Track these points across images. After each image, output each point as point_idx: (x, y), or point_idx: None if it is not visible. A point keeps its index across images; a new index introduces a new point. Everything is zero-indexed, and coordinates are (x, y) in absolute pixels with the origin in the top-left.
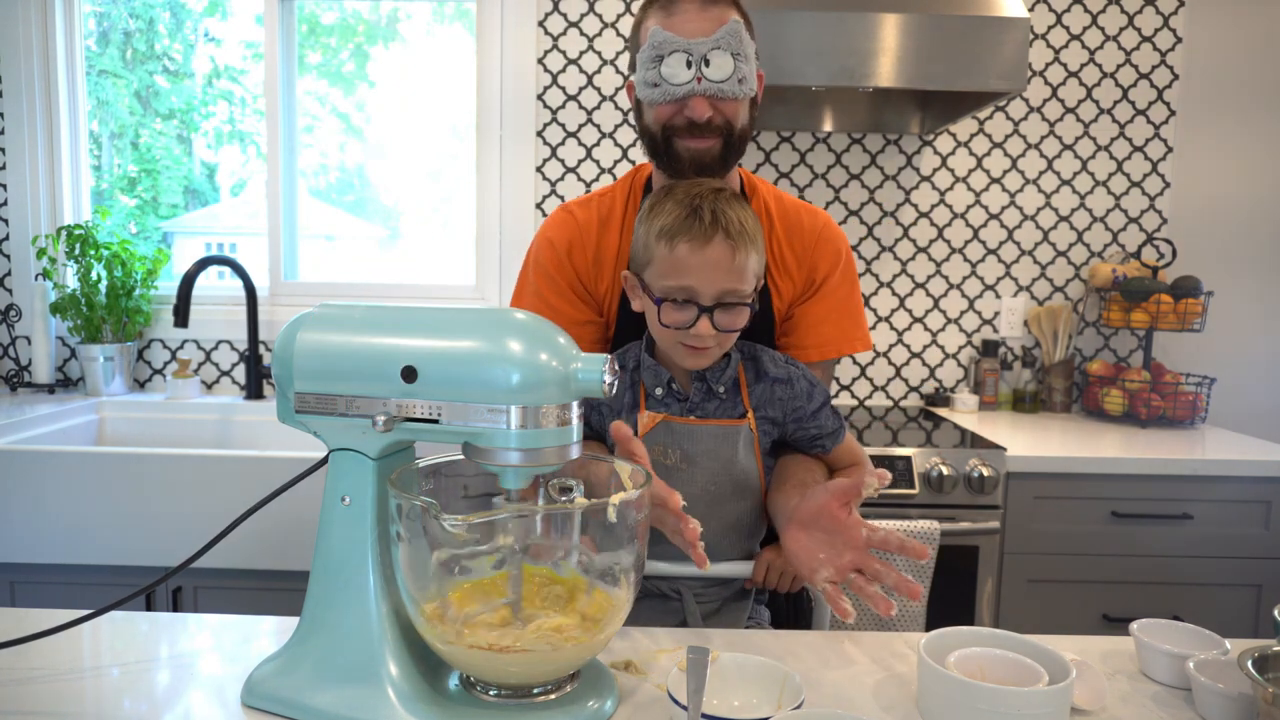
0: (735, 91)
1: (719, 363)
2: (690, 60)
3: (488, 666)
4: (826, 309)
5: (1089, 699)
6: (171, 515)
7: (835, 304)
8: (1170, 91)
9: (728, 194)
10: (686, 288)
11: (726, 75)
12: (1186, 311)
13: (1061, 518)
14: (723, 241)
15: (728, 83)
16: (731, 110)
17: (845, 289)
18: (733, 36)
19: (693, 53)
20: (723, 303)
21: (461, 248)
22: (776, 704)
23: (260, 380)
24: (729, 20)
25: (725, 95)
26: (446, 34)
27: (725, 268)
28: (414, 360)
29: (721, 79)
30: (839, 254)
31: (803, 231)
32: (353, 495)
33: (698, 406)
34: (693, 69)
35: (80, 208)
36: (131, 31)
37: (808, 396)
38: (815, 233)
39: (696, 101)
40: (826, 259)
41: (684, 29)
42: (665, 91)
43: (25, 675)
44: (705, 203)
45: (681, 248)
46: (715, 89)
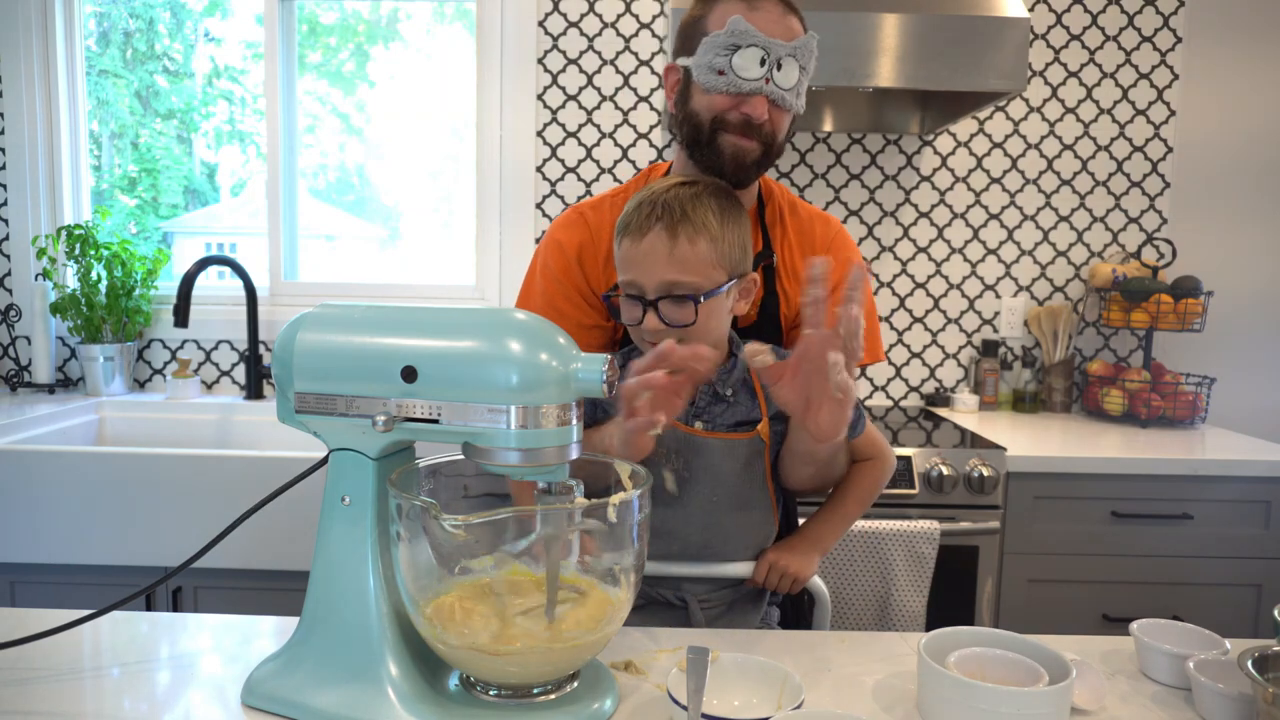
0: (794, 104)
1: (724, 364)
2: (765, 59)
3: (488, 666)
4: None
5: (1089, 699)
6: (171, 515)
7: None
8: (1170, 91)
9: (695, 185)
10: (631, 281)
11: (792, 84)
12: (1186, 311)
13: (1061, 518)
14: (660, 231)
15: (790, 92)
16: (781, 120)
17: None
18: (806, 50)
19: (770, 52)
20: (668, 295)
21: (461, 248)
22: (776, 704)
23: (260, 380)
24: (805, 34)
25: (785, 104)
26: (446, 34)
27: (663, 258)
28: (414, 360)
29: (787, 87)
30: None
31: (814, 239)
32: (353, 495)
33: (705, 411)
34: (765, 68)
35: (80, 208)
36: (131, 31)
37: None
38: (828, 241)
39: (758, 101)
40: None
41: (765, 26)
42: (731, 82)
43: (25, 675)
44: (655, 195)
45: (625, 241)
46: (779, 95)
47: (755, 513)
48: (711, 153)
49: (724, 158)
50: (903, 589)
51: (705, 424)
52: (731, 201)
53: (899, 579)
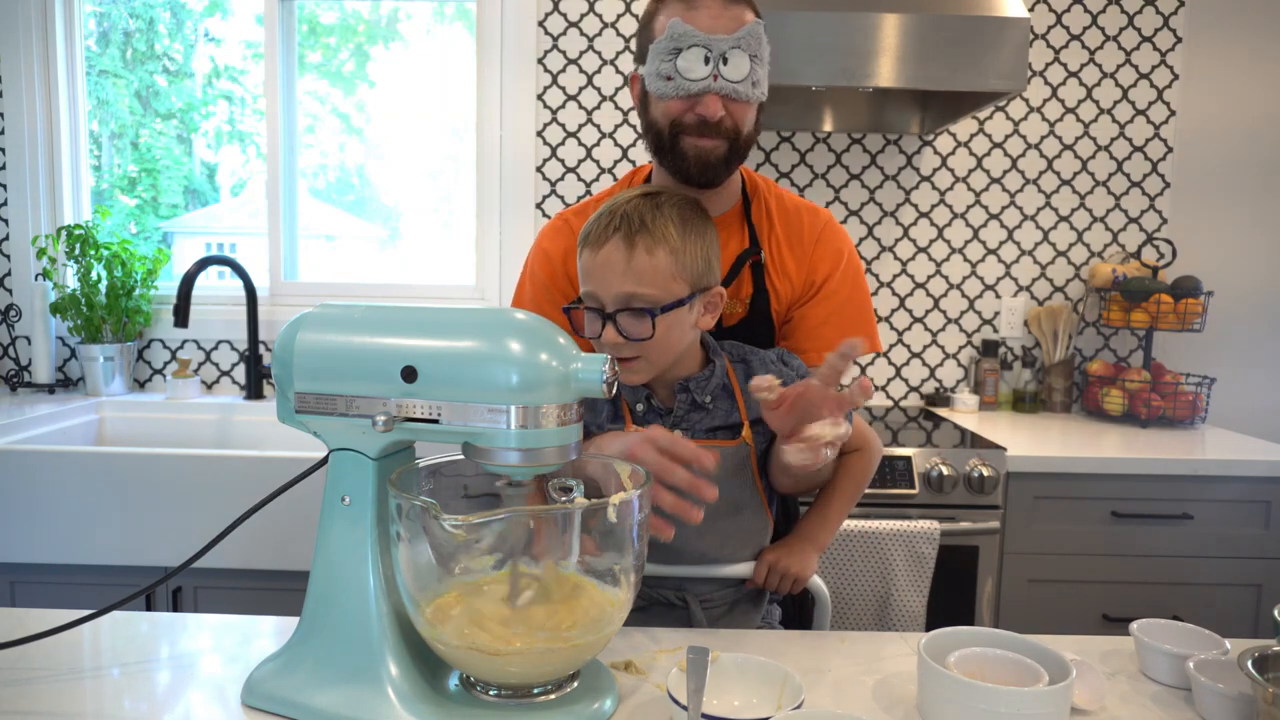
0: (749, 94)
1: (702, 371)
2: (709, 56)
3: (488, 666)
4: (827, 311)
5: (1089, 699)
6: (171, 515)
7: (837, 306)
8: (1170, 92)
9: (657, 196)
10: (590, 293)
11: (742, 76)
12: (1186, 311)
13: (1061, 518)
14: (618, 242)
15: (743, 84)
16: (741, 113)
17: (848, 290)
18: (753, 38)
19: (712, 49)
20: (626, 308)
21: (461, 248)
22: (776, 704)
23: (260, 380)
24: (750, 21)
25: (739, 96)
26: (446, 34)
27: (620, 269)
28: (414, 360)
29: (738, 79)
30: (840, 254)
31: (802, 233)
32: (353, 495)
33: (683, 420)
34: (710, 65)
35: (80, 208)
36: (131, 31)
37: None
38: (815, 233)
39: (710, 99)
40: (826, 260)
41: (705, 24)
42: (679, 86)
43: (25, 675)
44: (616, 206)
45: (585, 252)
46: (730, 89)
47: (748, 515)
48: (675, 157)
49: (688, 161)
50: (903, 589)
51: (685, 433)
52: (696, 213)
53: (899, 579)
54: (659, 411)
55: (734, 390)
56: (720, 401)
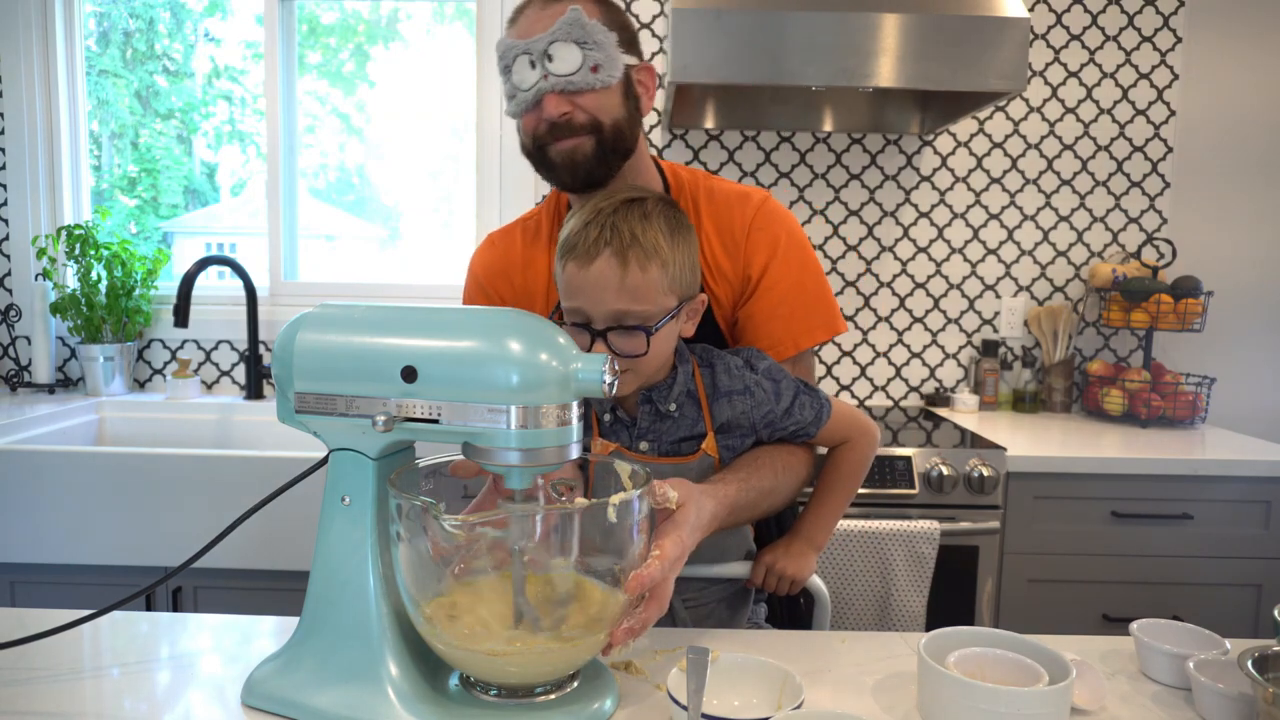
0: (589, 81)
1: (664, 380)
2: (533, 60)
3: (488, 666)
4: (771, 304)
5: (1089, 699)
6: (171, 515)
7: (782, 295)
8: (1170, 92)
9: (643, 203)
10: (577, 309)
11: (575, 67)
12: (1186, 311)
13: (1061, 518)
14: (609, 258)
15: (578, 74)
16: (593, 103)
17: (791, 276)
18: (573, 25)
19: (533, 51)
20: (618, 325)
21: (461, 248)
22: (776, 704)
23: (260, 380)
24: (567, 10)
25: (578, 87)
26: (446, 34)
27: (613, 287)
28: (414, 360)
29: (569, 71)
30: (775, 241)
31: (733, 226)
32: (353, 495)
33: (648, 431)
34: (537, 68)
35: (80, 208)
36: (131, 31)
37: (775, 397)
38: (746, 224)
39: (548, 99)
40: (762, 250)
41: (524, 31)
42: (520, 100)
43: (25, 675)
44: (602, 216)
45: (570, 265)
46: (564, 83)
47: None
48: (549, 170)
49: (559, 168)
50: (903, 589)
51: (651, 444)
52: (679, 218)
53: (899, 579)
54: (625, 423)
55: (699, 396)
56: (687, 409)
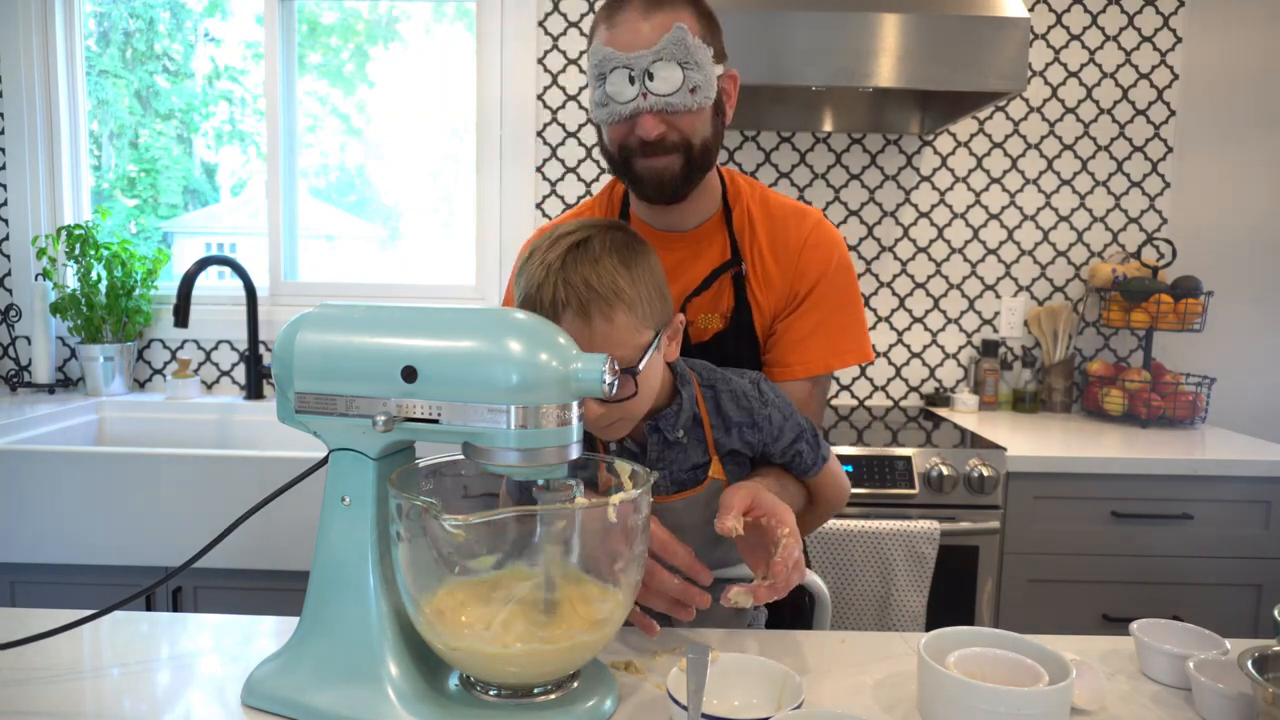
0: (687, 103)
1: (669, 408)
2: (633, 76)
3: (488, 666)
4: (814, 322)
5: (1089, 699)
6: (171, 515)
7: (824, 315)
8: (1170, 91)
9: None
10: None
11: (674, 88)
12: (1186, 311)
13: (1061, 518)
14: (572, 319)
15: (677, 95)
16: (688, 125)
17: (836, 297)
18: (677, 45)
19: (634, 68)
20: None
21: (461, 248)
22: (776, 704)
23: (260, 380)
24: (672, 27)
25: (676, 109)
26: (446, 34)
27: (585, 344)
28: (414, 360)
29: (669, 92)
30: (827, 261)
31: (788, 241)
32: (353, 495)
33: (659, 459)
34: (636, 85)
35: (80, 208)
36: (131, 31)
37: (776, 434)
38: (801, 240)
39: (645, 119)
40: (813, 268)
41: (624, 41)
42: (613, 111)
43: (25, 676)
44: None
45: None
46: (663, 103)
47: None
48: (633, 180)
49: (644, 183)
50: (903, 589)
51: (663, 475)
52: (631, 243)
53: (899, 579)
54: (632, 451)
55: (702, 421)
56: (694, 434)
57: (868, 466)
